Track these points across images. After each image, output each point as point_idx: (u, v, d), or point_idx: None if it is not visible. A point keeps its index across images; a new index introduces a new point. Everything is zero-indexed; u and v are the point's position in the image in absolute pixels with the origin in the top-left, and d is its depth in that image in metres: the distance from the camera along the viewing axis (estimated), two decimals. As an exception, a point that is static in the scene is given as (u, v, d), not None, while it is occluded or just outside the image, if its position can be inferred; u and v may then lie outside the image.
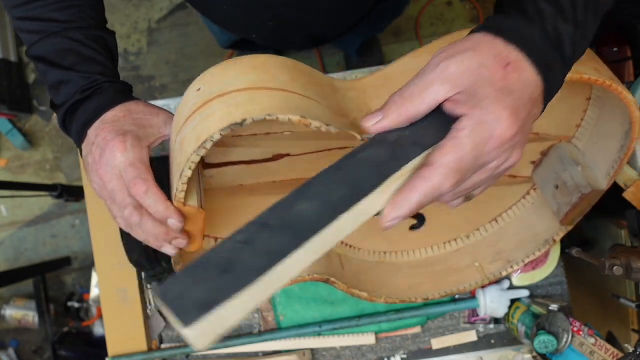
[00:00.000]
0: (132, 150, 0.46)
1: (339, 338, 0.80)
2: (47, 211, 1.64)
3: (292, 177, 0.60)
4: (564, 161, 0.63)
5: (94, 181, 0.48)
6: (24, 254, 1.64)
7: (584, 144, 0.65)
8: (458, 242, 0.71)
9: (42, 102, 1.67)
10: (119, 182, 0.46)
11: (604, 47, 1.00)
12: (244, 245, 0.31)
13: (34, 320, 1.50)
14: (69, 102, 0.49)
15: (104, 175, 0.46)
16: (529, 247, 0.69)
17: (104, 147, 0.46)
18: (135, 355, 0.79)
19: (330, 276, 0.65)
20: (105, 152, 0.46)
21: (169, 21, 1.64)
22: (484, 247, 0.70)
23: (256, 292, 0.29)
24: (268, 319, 0.81)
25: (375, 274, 0.72)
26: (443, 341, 0.81)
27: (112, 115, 0.48)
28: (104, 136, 0.46)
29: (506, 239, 0.72)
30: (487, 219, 0.72)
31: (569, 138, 0.65)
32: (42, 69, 0.51)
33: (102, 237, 0.80)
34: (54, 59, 0.50)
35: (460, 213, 0.72)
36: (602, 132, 0.62)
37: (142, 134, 0.48)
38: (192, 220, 0.47)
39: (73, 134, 0.50)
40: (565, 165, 0.63)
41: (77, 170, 1.63)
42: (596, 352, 0.67)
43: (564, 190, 0.63)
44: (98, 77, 0.50)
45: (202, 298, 0.28)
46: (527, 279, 0.78)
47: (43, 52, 0.50)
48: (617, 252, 0.69)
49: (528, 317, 0.73)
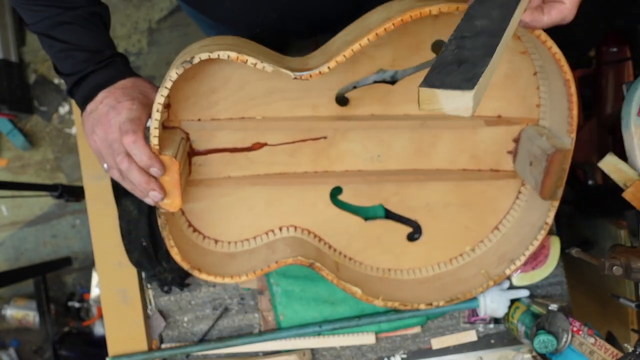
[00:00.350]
0: (136, 111, 0.55)
1: (338, 338, 0.80)
2: (48, 211, 1.64)
3: (274, 170, 0.67)
4: (531, 139, 0.66)
5: (95, 133, 0.56)
6: (24, 253, 1.64)
7: (548, 121, 0.67)
8: (464, 257, 0.72)
9: (43, 102, 1.67)
10: (119, 133, 0.54)
11: (604, 47, 1.00)
12: (458, 49, 0.43)
13: (34, 320, 1.50)
14: (82, 72, 0.57)
15: (107, 128, 0.54)
16: (528, 239, 0.70)
17: (114, 105, 0.55)
18: (135, 355, 0.79)
19: (316, 261, 0.67)
20: (113, 109, 0.54)
21: (169, 21, 1.64)
22: (489, 255, 0.70)
23: (489, 66, 0.40)
24: (268, 318, 0.81)
25: (377, 286, 0.73)
26: (443, 341, 0.81)
27: (122, 84, 0.57)
28: (115, 97, 0.55)
29: (508, 242, 0.72)
30: (488, 228, 0.72)
31: (535, 121, 0.68)
32: (48, 43, 0.57)
33: (102, 237, 0.80)
34: (60, 36, 0.57)
35: (457, 221, 0.72)
36: (555, 98, 0.64)
37: (146, 102, 0.57)
38: (168, 171, 0.56)
39: (80, 95, 0.58)
40: (533, 141, 0.65)
41: (77, 170, 1.63)
42: (596, 351, 0.67)
43: (536, 162, 0.64)
44: (107, 50, 0.59)
45: (462, 78, 0.39)
46: (527, 278, 0.78)
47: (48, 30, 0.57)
48: (617, 252, 0.69)
49: (528, 317, 0.73)
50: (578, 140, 1.06)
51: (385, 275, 0.73)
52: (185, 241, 0.67)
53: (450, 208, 0.71)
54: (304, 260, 0.66)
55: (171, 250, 0.64)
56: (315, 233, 0.71)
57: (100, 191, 0.80)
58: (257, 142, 0.66)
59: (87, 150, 0.81)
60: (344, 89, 0.65)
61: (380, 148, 0.69)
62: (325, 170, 0.69)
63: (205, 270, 0.66)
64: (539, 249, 0.78)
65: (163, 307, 0.82)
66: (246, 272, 0.67)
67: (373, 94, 0.66)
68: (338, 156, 0.68)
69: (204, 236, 0.70)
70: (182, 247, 0.65)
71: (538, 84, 0.66)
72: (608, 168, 0.69)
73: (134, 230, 0.75)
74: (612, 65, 0.98)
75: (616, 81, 0.98)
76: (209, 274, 0.66)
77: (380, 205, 0.72)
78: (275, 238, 0.68)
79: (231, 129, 0.65)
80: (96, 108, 0.56)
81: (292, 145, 0.66)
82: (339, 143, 0.68)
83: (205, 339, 0.82)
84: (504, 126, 0.68)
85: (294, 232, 0.69)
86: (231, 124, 0.64)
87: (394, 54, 0.63)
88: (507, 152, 0.70)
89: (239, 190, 0.68)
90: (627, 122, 0.69)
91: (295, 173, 0.68)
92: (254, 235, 0.71)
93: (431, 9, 0.53)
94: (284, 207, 0.70)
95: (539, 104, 0.67)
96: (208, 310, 0.82)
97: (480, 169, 0.70)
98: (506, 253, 0.71)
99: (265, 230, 0.70)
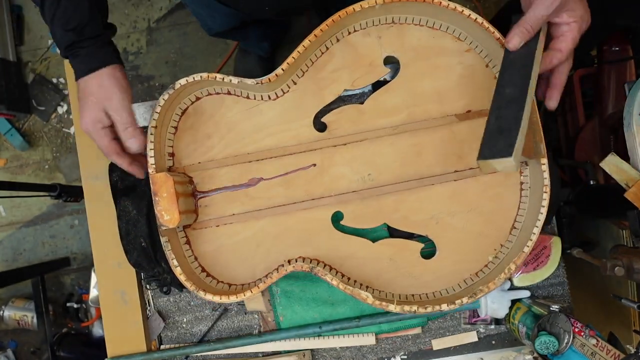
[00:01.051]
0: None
1: (339, 339, 0.79)
2: (46, 211, 1.64)
3: (274, 203, 0.73)
4: None
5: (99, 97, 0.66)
6: (22, 254, 1.64)
7: None
8: (490, 266, 0.70)
9: (41, 102, 1.66)
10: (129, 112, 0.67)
11: (605, 46, 0.99)
12: (497, 120, 0.57)
13: (32, 321, 1.49)
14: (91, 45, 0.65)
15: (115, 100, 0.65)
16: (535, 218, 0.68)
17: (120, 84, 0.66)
18: (134, 356, 0.78)
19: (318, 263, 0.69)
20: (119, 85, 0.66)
21: (168, 20, 1.64)
22: (512, 254, 0.68)
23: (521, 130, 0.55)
24: (268, 319, 0.81)
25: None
26: (443, 342, 0.80)
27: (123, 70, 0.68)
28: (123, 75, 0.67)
29: (525, 234, 0.70)
30: (505, 230, 0.70)
31: None
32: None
33: (101, 237, 0.80)
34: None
35: (469, 229, 0.70)
36: None
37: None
38: (164, 187, 0.65)
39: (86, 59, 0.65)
40: None
41: (76, 170, 1.62)
42: (597, 353, 0.66)
43: None
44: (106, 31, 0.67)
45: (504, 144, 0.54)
46: (528, 279, 0.78)
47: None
48: (619, 253, 0.69)
49: (529, 318, 0.72)
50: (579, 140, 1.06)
51: (409, 299, 0.70)
52: (196, 278, 0.69)
53: (457, 217, 0.71)
54: (306, 267, 0.67)
55: (175, 270, 0.66)
56: (325, 262, 0.71)
57: (99, 191, 0.80)
58: (253, 177, 0.72)
59: (86, 150, 0.81)
60: (319, 115, 0.72)
61: (368, 167, 0.72)
62: (321, 197, 0.72)
63: (211, 291, 0.67)
64: (540, 249, 0.78)
65: (162, 308, 0.82)
66: (250, 288, 0.67)
67: (346, 116, 0.72)
68: (331, 182, 0.72)
69: (217, 281, 0.71)
70: (188, 274, 0.67)
71: (495, 74, 0.71)
72: (610, 168, 0.68)
73: (133, 230, 0.75)
74: (614, 65, 0.98)
75: (618, 81, 0.98)
76: (215, 294, 0.67)
77: (384, 224, 0.72)
78: (285, 270, 0.67)
79: (228, 167, 0.72)
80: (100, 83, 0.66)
81: (285, 177, 0.72)
82: (328, 169, 0.72)
83: (204, 339, 0.81)
84: (477, 119, 0.71)
85: (302, 262, 0.68)
86: (227, 161, 0.72)
87: (352, 75, 0.72)
88: None
89: (246, 228, 0.72)
90: (628, 122, 0.69)
91: (294, 203, 0.72)
92: (266, 274, 0.71)
93: (354, 7, 0.66)
94: (290, 239, 0.71)
95: None
96: (207, 311, 0.81)
97: (471, 167, 0.71)
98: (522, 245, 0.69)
99: (276, 265, 0.71)
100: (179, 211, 0.65)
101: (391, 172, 0.72)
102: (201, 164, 0.72)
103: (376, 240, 0.71)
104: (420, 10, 0.69)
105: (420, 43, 0.71)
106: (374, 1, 0.66)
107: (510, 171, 0.56)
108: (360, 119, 0.72)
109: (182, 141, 0.72)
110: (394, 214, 0.71)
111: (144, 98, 0.67)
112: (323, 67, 0.72)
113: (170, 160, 0.72)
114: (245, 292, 0.66)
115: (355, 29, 0.71)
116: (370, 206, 0.72)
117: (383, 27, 0.71)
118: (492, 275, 0.67)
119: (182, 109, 0.72)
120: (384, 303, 0.65)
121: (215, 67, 1.60)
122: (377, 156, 0.72)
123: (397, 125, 0.72)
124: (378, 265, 0.71)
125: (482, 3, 1.61)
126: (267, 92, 0.71)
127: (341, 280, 0.66)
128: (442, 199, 0.71)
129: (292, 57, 0.67)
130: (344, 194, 0.72)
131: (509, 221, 0.71)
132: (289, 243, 0.71)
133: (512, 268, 0.65)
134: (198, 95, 0.72)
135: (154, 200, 0.65)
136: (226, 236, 0.72)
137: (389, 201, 0.71)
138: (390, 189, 0.71)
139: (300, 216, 0.72)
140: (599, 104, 1.03)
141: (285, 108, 0.72)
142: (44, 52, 1.65)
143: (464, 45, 0.71)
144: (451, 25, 0.70)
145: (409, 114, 0.72)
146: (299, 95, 0.72)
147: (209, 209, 0.72)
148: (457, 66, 0.71)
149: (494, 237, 0.71)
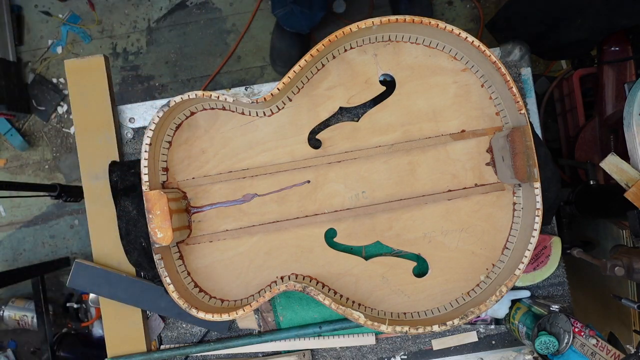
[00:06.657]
0: None
1: (339, 339, 0.79)
2: (46, 211, 1.64)
3: (267, 220, 0.72)
4: (497, 139, 0.70)
5: None
6: (22, 254, 1.64)
7: (508, 116, 0.71)
8: (482, 285, 0.70)
9: (41, 102, 1.66)
10: None
11: (605, 46, 0.99)
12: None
13: (32, 321, 1.49)
14: None
15: None
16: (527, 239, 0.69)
17: None
18: (134, 356, 0.78)
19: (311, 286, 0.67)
20: None
21: (168, 20, 1.63)
22: (503, 274, 0.69)
23: None
24: (268, 319, 0.81)
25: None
26: (443, 342, 0.80)
27: None
28: None
29: (518, 251, 0.71)
30: (497, 250, 0.71)
31: (500, 128, 0.72)
32: None
33: (101, 237, 0.80)
34: None
35: (461, 248, 0.71)
36: (500, 89, 0.69)
37: None
38: (157, 205, 0.64)
39: None
40: (499, 140, 0.69)
41: (76, 170, 1.62)
42: (597, 353, 0.66)
43: (504, 152, 0.68)
44: None
45: None
46: (528, 279, 0.78)
47: None
48: (619, 253, 0.69)
49: (529, 318, 0.72)
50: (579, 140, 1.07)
51: (401, 318, 0.71)
52: (189, 295, 0.69)
53: (449, 236, 0.71)
54: (298, 287, 0.67)
55: (168, 288, 0.66)
56: (317, 279, 0.71)
57: (99, 191, 0.80)
58: (247, 193, 0.72)
59: (86, 150, 0.80)
60: (314, 131, 0.72)
61: (362, 184, 0.72)
62: (315, 214, 0.72)
63: (203, 309, 0.67)
64: (540, 249, 0.78)
65: (162, 308, 0.82)
66: (242, 306, 0.67)
67: (341, 133, 0.73)
68: (325, 198, 0.72)
69: (210, 296, 0.71)
70: (181, 291, 0.67)
71: (490, 95, 0.71)
72: (610, 168, 0.68)
73: (133, 230, 0.75)
74: (614, 65, 0.98)
75: (618, 81, 0.98)
76: (207, 312, 0.66)
77: (377, 242, 0.72)
78: (278, 289, 0.67)
79: (222, 183, 0.72)
80: None
81: (280, 193, 0.72)
82: (322, 185, 0.72)
83: (204, 339, 0.81)
84: (471, 139, 0.72)
85: (295, 279, 0.69)
86: (221, 177, 0.72)
87: (348, 93, 0.72)
88: (485, 164, 0.72)
89: (240, 244, 0.72)
90: (628, 122, 0.69)
91: (288, 220, 0.72)
92: (259, 290, 0.72)
93: (351, 27, 0.65)
94: (283, 255, 0.72)
95: (498, 112, 0.71)
96: (207, 311, 0.81)
97: (465, 186, 0.71)
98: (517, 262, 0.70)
99: (269, 282, 0.71)
100: (172, 229, 0.65)
101: (385, 190, 0.72)
102: (195, 179, 0.72)
103: (369, 258, 0.72)
104: (417, 31, 0.69)
105: (416, 61, 0.71)
106: (370, 22, 0.65)
107: None
108: (355, 137, 0.72)
109: (176, 156, 0.72)
110: (387, 231, 0.72)
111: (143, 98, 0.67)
112: (318, 84, 0.72)
113: (164, 175, 0.72)
114: (237, 311, 0.66)
115: (352, 46, 0.71)
116: (364, 224, 0.72)
117: (379, 45, 0.71)
118: (484, 296, 0.68)
119: (177, 123, 0.72)
120: (376, 323, 0.64)
121: (215, 67, 1.60)
122: (371, 174, 0.72)
123: (392, 143, 0.72)
124: (371, 283, 0.71)
125: (482, 3, 1.61)
126: (263, 109, 0.71)
127: (333, 300, 0.66)
128: (435, 217, 0.71)
129: (287, 77, 0.66)
130: (337, 211, 0.72)
131: (501, 241, 0.71)
132: (283, 259, 0.72)
133: (503, 290, 0.65)
134: (193, 110, 0.72)
135: (147, 218, 0.65)
136: (219, 252, 0.72)
137: (383, 219, 0.72)
138: (384, 207, 0.71)
139: (293, 233, 0.72)
140: (599, 104, 1.03)
141: (280, 124, 0.72)
142: (44, 52, 1.65)
143: (460, 64, 0.71)
144: (447, 45, 0.70)
145: (403, 132, 0.72)
146: (294, 112, 0.72)
147: (202, 224, 0.72)
148: (453, 85, 0.71)
149: (486, 257, 0.71)
